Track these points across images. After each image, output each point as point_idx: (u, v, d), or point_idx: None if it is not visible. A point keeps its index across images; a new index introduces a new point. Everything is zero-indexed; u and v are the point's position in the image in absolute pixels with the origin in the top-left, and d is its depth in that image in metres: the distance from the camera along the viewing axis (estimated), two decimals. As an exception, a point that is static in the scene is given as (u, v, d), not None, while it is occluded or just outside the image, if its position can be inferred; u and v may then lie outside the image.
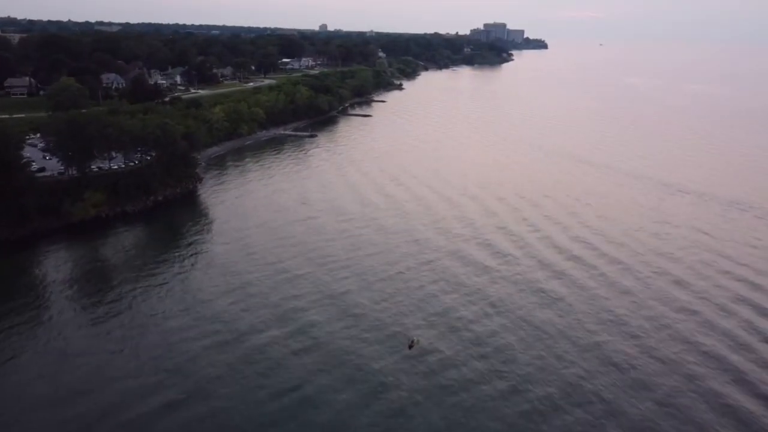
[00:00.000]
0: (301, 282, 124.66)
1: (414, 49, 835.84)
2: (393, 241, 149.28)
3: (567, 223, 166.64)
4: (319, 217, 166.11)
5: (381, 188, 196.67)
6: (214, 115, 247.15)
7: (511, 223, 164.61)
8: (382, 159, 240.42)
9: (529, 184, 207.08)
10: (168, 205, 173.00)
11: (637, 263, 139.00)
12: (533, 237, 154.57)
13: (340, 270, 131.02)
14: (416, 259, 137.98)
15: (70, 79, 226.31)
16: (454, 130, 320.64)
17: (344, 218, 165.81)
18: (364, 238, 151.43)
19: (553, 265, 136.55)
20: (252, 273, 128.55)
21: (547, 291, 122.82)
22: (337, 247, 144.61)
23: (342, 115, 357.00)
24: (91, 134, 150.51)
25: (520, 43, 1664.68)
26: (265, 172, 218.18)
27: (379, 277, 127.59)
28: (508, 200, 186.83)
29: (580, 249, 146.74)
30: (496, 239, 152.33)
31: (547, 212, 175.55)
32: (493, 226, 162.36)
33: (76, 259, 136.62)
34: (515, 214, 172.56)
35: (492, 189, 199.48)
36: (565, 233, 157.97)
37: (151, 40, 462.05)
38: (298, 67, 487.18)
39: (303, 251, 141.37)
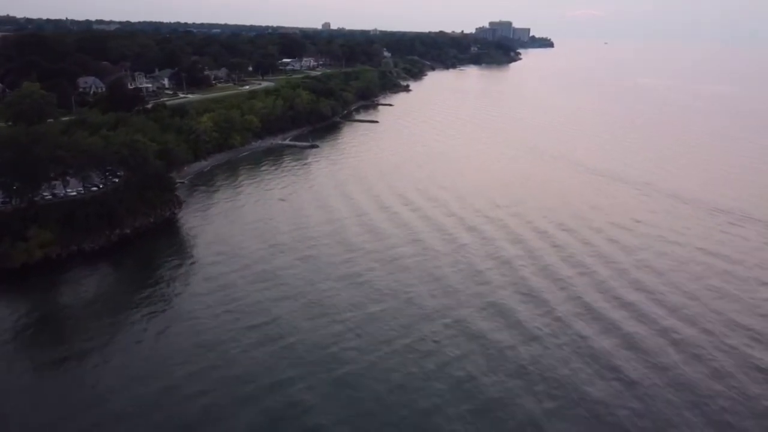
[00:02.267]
0: (291, 352, 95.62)
1: (419, 48, 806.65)
2: (407, 288, 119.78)
3: (620, 262, 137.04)
4: (318, 254, 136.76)
5: (392, 213, 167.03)
6: (202, 125, 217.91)
7: (556, 263, 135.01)
8: (391, 174, 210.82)
9: (562, 207, 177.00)
10: (138, 239, 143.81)
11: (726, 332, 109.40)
12: (587, 285, 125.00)
13: (343, 334, 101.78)
14: (438, 317, 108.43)
15: (34, 85, 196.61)
16: (469, 137, 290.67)
17: (348, 255, 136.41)
18: (372, 283, 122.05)
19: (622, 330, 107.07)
20: (231, 341, 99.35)
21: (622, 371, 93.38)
22: (340, 298, 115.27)
23: (346, 121, 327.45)
24: (38, 156, 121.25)
25: (526, 42, 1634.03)
26: (258, 191, 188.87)
27: (391, 348, 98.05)
28: (544, 228, 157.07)
29: (645, 302, 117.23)
30: (539, 284, 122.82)
31: (595, 247, 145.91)
32: (533, 263, 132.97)
33: (11, 314, 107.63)
34: (560, 251, 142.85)
35: (519, 210, 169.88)
36: (621, 278, 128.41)
37: (143, 39, 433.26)
38: (299, 68, 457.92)
39: (297, 305, 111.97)
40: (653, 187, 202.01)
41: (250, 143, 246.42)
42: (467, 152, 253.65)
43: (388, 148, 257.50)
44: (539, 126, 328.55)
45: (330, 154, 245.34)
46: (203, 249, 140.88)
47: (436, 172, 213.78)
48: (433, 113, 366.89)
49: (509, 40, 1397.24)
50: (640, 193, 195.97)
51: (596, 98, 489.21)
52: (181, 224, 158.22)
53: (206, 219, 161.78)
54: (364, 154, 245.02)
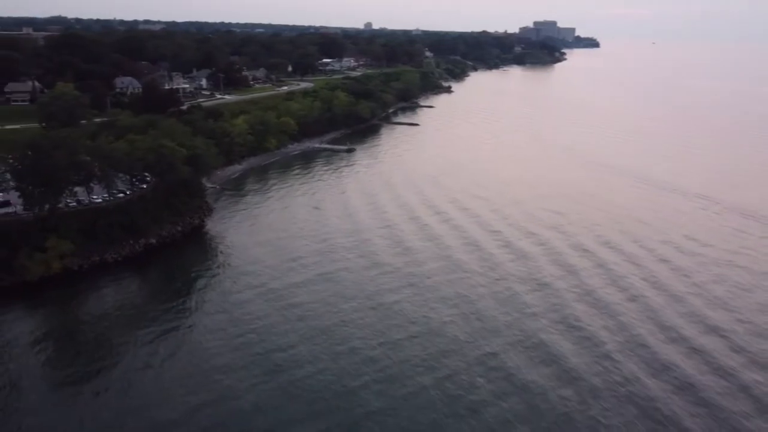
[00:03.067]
0: (306, 387, 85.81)
1: (462, 48, 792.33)
2: (438, 314, 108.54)
3: (674, 288, 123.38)
4: (346, 269, 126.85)
5: (426, 225, 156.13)
6: (236, 128, 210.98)
7: (601, 286, 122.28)
8: (429, 182, 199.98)
9: (610, 220, 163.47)
10: (164, 248, 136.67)
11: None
12: (637, 315, 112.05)
13: (365, 366, 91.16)
14: (471, 350, 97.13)
15: (67, 86, 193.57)
16: (511, 142, 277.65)
17: (377, 272, 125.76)
18: (400, 306, 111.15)
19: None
20: (244, 368, 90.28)
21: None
22: (364, 323, 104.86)
23: (385, 124, 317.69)
24: (58, 162, 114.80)
25: (571, 42, 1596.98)
26: (290, 197, 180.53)
27: (417, 384, 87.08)
28: (589, 245, 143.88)
29: (705, 339, 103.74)
30: (581, 311, 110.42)
31: (645, 268, 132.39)
32: (576, 286, 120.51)
33: (26, 330, 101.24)
34: (606, 272, 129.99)
35: (562, 224, 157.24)
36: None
37: (182, 39, 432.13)
38: (339, 68, 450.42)
39: (318, 330, 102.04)
40: (712, 200, 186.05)
41: (285, 146, 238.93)
42: (509, 159, 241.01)
43: (427, 153, 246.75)
44: (587, 131, 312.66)
45: (367, 158, 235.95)
46: (229, 261, 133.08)
47: (475, 181, 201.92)
48: (474, 116, 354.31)
49: (554, 40, 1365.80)
50: (698, 207, 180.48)
51: (647, 101, 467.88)
52: (209, 233, 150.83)
53: (235, 227, 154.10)
54: (402, 159, 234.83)
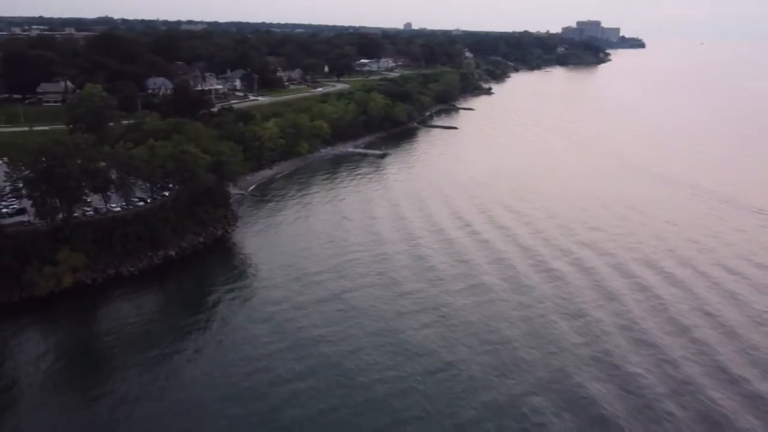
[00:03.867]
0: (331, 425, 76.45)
1: (503, 48, 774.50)
2: (463, 349, 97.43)
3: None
4: (366, 294, 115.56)
5: (462, 248, 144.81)
6: (266, 131, 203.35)
7: (662, 316, 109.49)
8: (467, 189, 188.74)
9: (667, 238, 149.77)
10: (184, 261, 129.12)
11: None
12: (717, 339, 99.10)
13: (402, 403, 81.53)
14: (497, 392, 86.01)
15: (95, 87, 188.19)
16: (559, 149, 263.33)
17: (400, 298, 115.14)
18: (422, 339, 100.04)
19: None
20: (262, 398, 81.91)
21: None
22: (381, 356, 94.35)
23: (422, 127, 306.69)
24: (71, 170, 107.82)
25: (616, 42, 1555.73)
26: (321, 205, 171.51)
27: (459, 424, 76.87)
28: (648, 263, 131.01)
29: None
30: (652, 333, 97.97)
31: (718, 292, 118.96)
32: (644, 306, 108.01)
33: (33, 349, 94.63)
34: (669, 295, 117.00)
35: (618, 238, 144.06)
36: None
37: (219, 39, 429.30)
38: (377, 69, 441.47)
39: (324, 365, 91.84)
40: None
41: (318, 150, 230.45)
42: (551, 167, 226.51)
43: (464, 159, 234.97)
44: (635, 136, 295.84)
45: (401, 164, 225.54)
46: (251, 275, 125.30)
47: (514, 191, 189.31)
48: (515, 119, 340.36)
49: (597, 40, 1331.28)
50: (760, 225, 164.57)
51: (701, 105, 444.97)
52: (233, 244, 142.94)
53: (260, 238, 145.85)
54: (438, 166, 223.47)
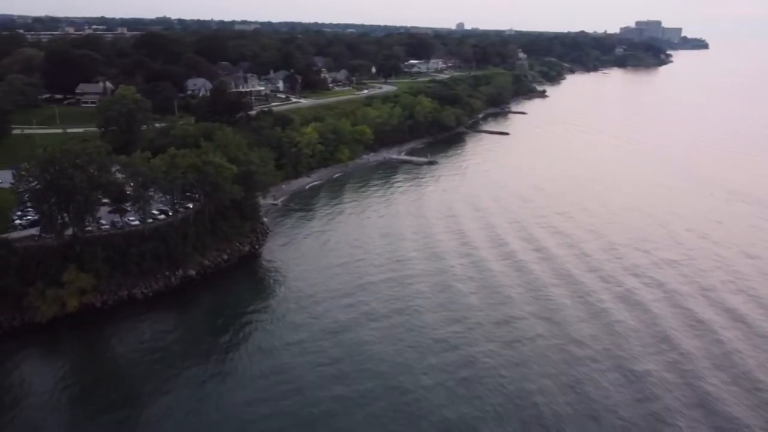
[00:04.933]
0: None
1: (558, 49, 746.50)
2: (528, 393, 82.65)
3: None
4: (408, 324, 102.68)
5: (515, 262, 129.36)
6: (305, 137, 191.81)
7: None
8: (518, 204, 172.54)
9: (744, 264, 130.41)
10: (205, 281, 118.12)
11: None
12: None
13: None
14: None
15: (128, 88, 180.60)
16: (614, 157, 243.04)
17: (451, 320, 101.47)
18: (478, 377, 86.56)
19: None
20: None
21: None
22: (434, 401, 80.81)
23: (472, 132, 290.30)
24: (78, 184, 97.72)
25: (677, 43, 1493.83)
26: (359, 218, 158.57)
27: None
28: (719, 295, 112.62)
29: None
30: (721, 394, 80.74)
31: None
32: (713, 354, 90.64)
33: (41, 378, 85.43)
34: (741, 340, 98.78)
35: (684, 265, 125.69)
36: None
37: (265, 39, 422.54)
38: (425, 70, 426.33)
39: (369, 399, 79.58)
40: None
41: (360, 157, 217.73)
42: (613, 178, 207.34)
43: (517, 168, 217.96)
44: (705, 146, 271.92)
45: (448, 172, 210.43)
46: (281, 295, 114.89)
47: (575, 204, 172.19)
48: (572, 124, 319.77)
49: (658, 40, 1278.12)
50: None
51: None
52: (262, 260, 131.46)
53: (291, 254, 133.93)
54: (489, 175, 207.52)
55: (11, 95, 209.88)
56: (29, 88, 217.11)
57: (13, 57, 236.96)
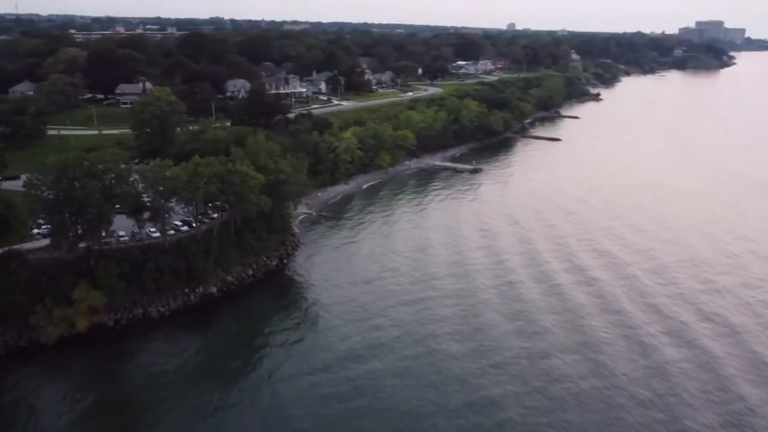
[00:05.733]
0: None
1: (613, 50, 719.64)
2: None
3: None
4: (440, 353, 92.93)
5: (558, 286, 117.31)
6: (343, 142, 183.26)
7: None
8: (570, 221, 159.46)
9: None
10: (227, 298, 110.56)
11: None
12: None
13: None
14: None
15: (163, 90, 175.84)
16: (681, 170, 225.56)
17: (486, 366, 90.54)
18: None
19: None
20: None
21: None
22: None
23: (521, 137, 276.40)
24: (90, 195, 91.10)
25: (740, 44, 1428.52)
26: (397, 230, 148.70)
27: None
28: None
29: None
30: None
31: None
32: None
33: (46, 403, 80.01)
34: None
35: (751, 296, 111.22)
36: None
37: (311, 39, 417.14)
38: (474, 72, 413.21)
39: None
40: None
41: (401, 163, 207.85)
42: (674, 192, 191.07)
43: (568, 178, 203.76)
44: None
45: (494, 181, 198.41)
46: (309, 314, 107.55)
47: (632, 223, 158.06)
48: (627, 130, 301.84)
49: (719, 41, 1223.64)
50: None
51: None
52: (289, 277, 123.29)
53: (325, 267, 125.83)
54: (537, 185, 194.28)
55: (53, 95, 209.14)
56: (70, 88, 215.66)
57: (57, 57, 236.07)
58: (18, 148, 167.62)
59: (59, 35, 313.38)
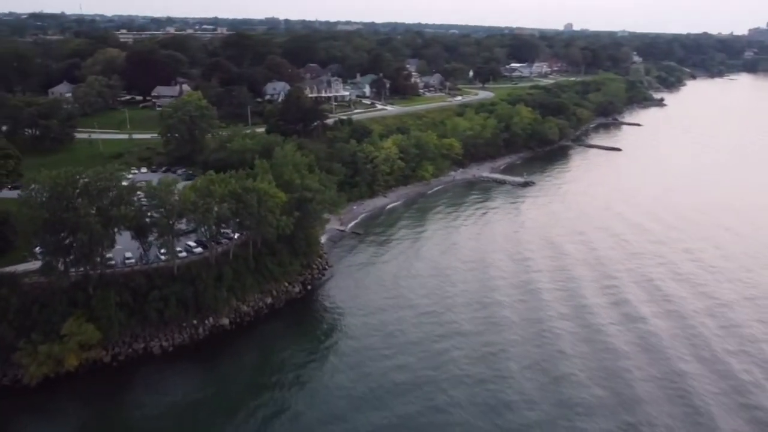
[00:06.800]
0: None
1: (678, 52, 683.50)
2: None
3: None
4: (496, 390, 78.54)
5: (644, 343, 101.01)
6: (383, 152, 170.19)
7: None
8: (628, 241, 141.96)
9: None
10: (241, 331, 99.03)
11: None
12: None
13: None
14: None
15: (194, 94, 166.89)
16: (750, 182, 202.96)
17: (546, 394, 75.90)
18: None
19: None
20: None
21: None
22: None
23: (577, 146, 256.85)
24: (83, 218, 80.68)
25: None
26: (434, 252, 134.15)
27: None
28: None
29: None
30: None
31: None
32: None
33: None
34: None
35: None
36: None
37: (360, 40, 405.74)
38: (528, 75, 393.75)
39: None
40: None
41: (445, 174, 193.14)
42: (744, 210, 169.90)
43: (631, 195, 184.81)
44: None
45: (547, 197, 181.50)
46: (325, 354, 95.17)
47: (698, 242, 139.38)
48: (695, 139, 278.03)
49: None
50: None
51: None
52: (313, 305, 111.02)
53: (349, 295, 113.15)
54: (595, 203, 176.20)
55: (89, 97, 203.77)
56: (107, 90, 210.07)
57: (95, 57, 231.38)
58: (46, 152, 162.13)
59: (103, 35, 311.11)
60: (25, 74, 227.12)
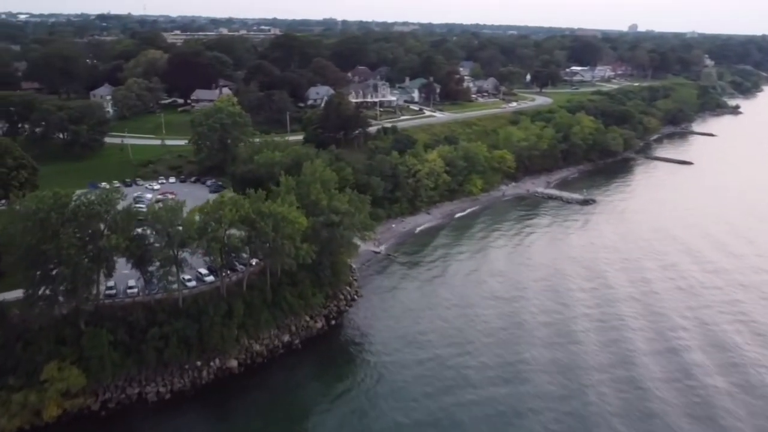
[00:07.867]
0: None
1: (754, 55, 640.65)
2: None
3: None
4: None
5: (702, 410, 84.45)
6: (426, 165, 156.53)
7: None
8: (701, 270, 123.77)
9: None
10: (251, 374, 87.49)
11: None
12: None
13: None
14: None
15: (228, 99, 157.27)
16: None
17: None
18: None
19: None
20: None
21: None
22: None
23: (643, 158, 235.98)
24: (66, 250, 70.46)
25: None
26: (479, 281, 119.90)
27: None
28: None
29: None
30: None
31: None
32: None
33: None
34: None
35: None
36: None
37: (413, 41, 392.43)
38: (590, 79, 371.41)
39: None
40: None
41: (496, 189, 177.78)
42: None
43: (705, 216, 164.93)
44: None
45: (610, 218, 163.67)
46: (344, 401, 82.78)
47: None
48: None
49: None
50: None
51: None
52: (337, 343, 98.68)
53: (379, 330, 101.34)
54: (662, 222, 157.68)
55: (129, 100, 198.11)
56: (146, 93, 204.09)
57: (137, 59, 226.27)
58: (76, 158, 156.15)
59: (150, 36, 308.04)
60: (70, 76, 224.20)
